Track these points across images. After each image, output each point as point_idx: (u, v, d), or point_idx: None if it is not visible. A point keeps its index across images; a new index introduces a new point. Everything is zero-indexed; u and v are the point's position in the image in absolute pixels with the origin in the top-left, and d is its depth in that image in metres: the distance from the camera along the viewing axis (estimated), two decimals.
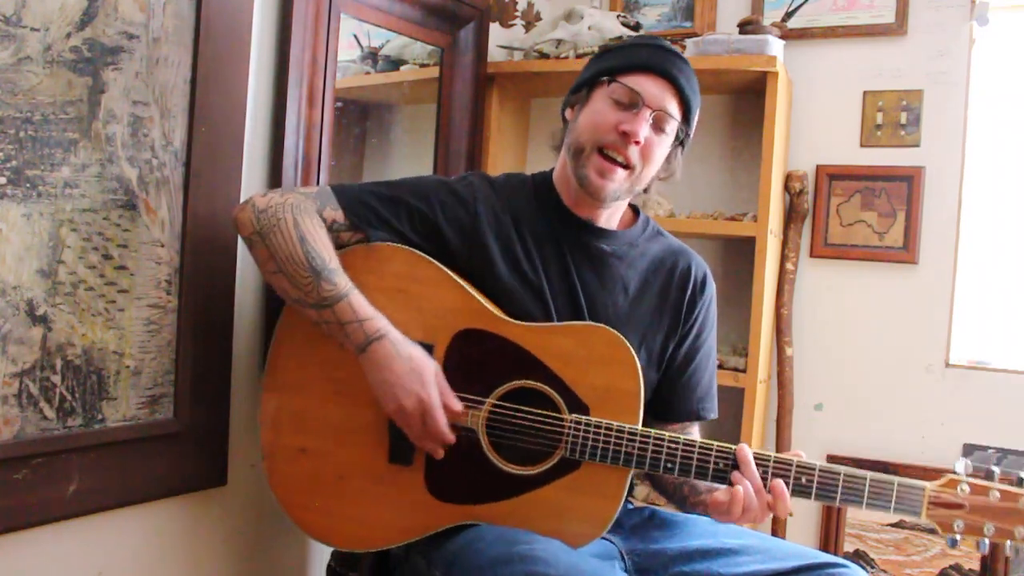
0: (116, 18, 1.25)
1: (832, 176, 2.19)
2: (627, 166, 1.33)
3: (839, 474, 1.18)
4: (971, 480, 1.16)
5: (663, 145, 1.35)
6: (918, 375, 2.11)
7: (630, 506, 1.47)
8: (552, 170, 1.46)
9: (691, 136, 1.39)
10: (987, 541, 1.14)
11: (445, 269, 1.33)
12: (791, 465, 1.19)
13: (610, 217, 1.42)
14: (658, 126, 1.33)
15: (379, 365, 1.24)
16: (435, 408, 1.23)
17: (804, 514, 2.20)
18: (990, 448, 2.04)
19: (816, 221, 2.20)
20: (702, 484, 1.33)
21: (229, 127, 1.43)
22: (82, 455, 1.25)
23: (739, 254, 2.19)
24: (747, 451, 1.20)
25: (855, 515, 2.12)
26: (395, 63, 1.99)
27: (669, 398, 1.43)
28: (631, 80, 1.32)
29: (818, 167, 2.21)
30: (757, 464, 1.20)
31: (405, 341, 1.26)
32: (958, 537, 1.16)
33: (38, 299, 1.19)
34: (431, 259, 1.34)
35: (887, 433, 2.12)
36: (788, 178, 2.18)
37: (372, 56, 1.94)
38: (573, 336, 1.28)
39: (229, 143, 1.43)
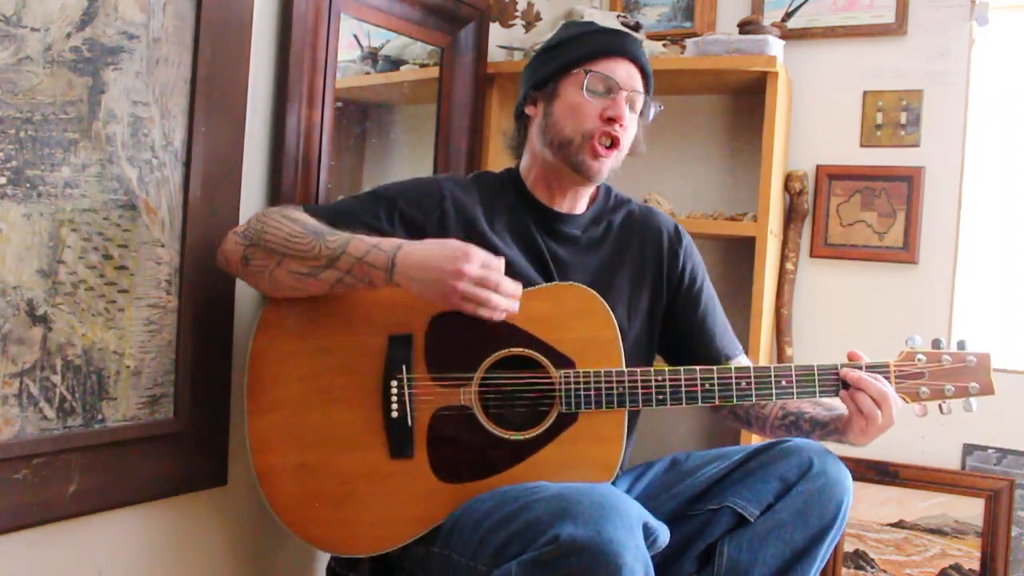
0: (116, 18, 1.25)
1: (832, 176, 2.19)
2: (615, 144, 1.41)
3: (836, 368, 1.34)
4: (925, 350, 1.37)
5: (635, 121, 1.45)
6: None
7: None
8: (517, 167, 1.52)
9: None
10: (948, 403, 1.35)
11: None
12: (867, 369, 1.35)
13: (580, 202, 1.50)
14: (631, 106, 1.42)
15: (415, 264, 1.22)
16: (486, 255, 1.21)
17: None
18: (990, 448, 2.04)
19: (816, 221, 2.20)
20: (823, 415, 1.41)
21: (229, 127, 1.43)
22: (82, 455, 1.25)
23: (739, 254, 2.19)
24: (851, 371, 1.33)
25: (855, 514, 2.12)
26: (395, 63, 1.99)
27: (691, 351, 1.51)
28: (602, 67, 1.40)
29: (818, 167, 2.21)
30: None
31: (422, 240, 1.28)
32: (926, 403, 1.35)
33: (38, 299, 1.19)
34: None
35: (886, 433, 2.11)
36: (788, 178, 2.18)
37: (372, 56, 1.94)
38: (546, 298, 1.34)
39: (229, 143, 1.43)
